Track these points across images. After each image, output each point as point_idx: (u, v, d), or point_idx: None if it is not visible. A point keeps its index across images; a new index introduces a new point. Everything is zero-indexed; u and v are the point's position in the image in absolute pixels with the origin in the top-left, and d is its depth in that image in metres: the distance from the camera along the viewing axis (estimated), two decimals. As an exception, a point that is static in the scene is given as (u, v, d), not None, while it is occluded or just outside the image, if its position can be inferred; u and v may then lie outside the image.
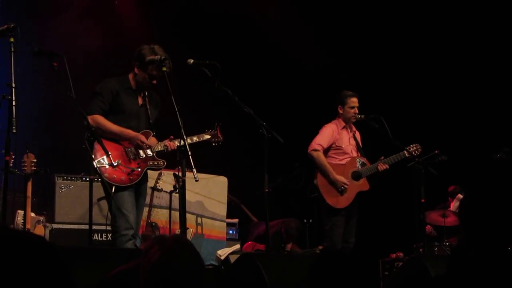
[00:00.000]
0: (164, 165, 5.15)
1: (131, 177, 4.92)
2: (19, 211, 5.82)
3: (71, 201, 6.54)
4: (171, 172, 5.89)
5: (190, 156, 4.51)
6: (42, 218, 6.05)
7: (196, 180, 4.54)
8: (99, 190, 5.17)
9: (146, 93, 5.15)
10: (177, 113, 4.56)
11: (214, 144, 5.31)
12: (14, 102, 4.06)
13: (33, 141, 6.15)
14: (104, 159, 4.81)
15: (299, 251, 7.80)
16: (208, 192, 7.30)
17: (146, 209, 6.46)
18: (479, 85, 8.67)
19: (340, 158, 6.57)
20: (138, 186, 5.04)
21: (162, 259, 2.05)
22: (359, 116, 6.54)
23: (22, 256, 1.45)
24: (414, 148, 6.52)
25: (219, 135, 5.31)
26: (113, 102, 5.00)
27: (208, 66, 4.91)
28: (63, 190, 6.54)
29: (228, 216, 7.62)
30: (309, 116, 8.09)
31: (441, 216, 7.81)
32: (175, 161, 4.86)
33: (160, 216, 6.88)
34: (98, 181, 5.17)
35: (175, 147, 4.96)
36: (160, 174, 6.61)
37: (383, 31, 9.00)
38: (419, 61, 8.92)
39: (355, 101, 6.59)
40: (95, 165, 4.77)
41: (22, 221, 5.52)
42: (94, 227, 5.57)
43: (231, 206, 7.93)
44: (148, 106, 5.13)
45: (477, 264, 2.28)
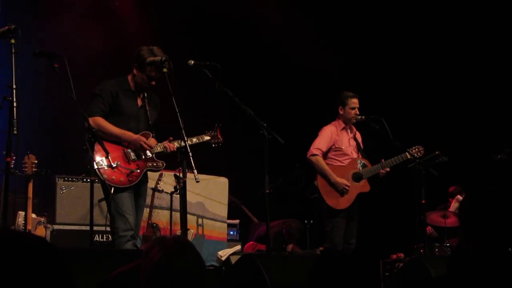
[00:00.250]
0: (163, 167, 5.14)
1: (130, 178, 4.92)
2: (20, 212, 5.82)
3: (72, 202, 6.54)
4: (172, 173, 5.89)
5: (191, 157, 4.51)
6: (43, 219, 6.05)
7: (197, 181, 4.53)
8: (100, 191, 5.16)
9: (145, 95, 5.14)
10: (178, 114, 4.56)
11: (214, 145, 5.30)
12: (15, 103, 4.05)
13: (34, 142, 6.15)
14: (103, 160, 4.81)
15: (300, 252, 7.79)
16: (209, 193, 7.31)
17: (147, 210, 6.47)
18: (479, 86, 8.67)
19: (340, 159, 6.55)
20: (137, 187, 5.03)
21: (163, 260, 2.05)
22: (359, 117, 6.52)
23: (23, 257, 1.45)
24: (416, 150, 6.47)
25: (219, 136, 5.30)
26: (112, 104, 4.99)
27: (209, 67, 4.89)
28: (64, 191, 6.54)
29: (229, 217, 7.63)
30: (310, 117, 8.08)
31: (441, 217, 7.81)
32: (176, 162, 4.86)
33: (161, 217, 6.89)
34: (98, 182, 5.17)
35: (174, 148, 4.96)
36: (161, 175, 6.61)
37: (384, 32, 9.01)
38: (420, 62, 8.92)
39: (355, 102, 6.57)
40: (94, 166, 4.78)
41: (23, 222, 5.52)
42: (95, 228, 5.58)
43: (232, 207, 7.93)
44: (147, 107, 5.12)
45: (477, 265, 2.28)
